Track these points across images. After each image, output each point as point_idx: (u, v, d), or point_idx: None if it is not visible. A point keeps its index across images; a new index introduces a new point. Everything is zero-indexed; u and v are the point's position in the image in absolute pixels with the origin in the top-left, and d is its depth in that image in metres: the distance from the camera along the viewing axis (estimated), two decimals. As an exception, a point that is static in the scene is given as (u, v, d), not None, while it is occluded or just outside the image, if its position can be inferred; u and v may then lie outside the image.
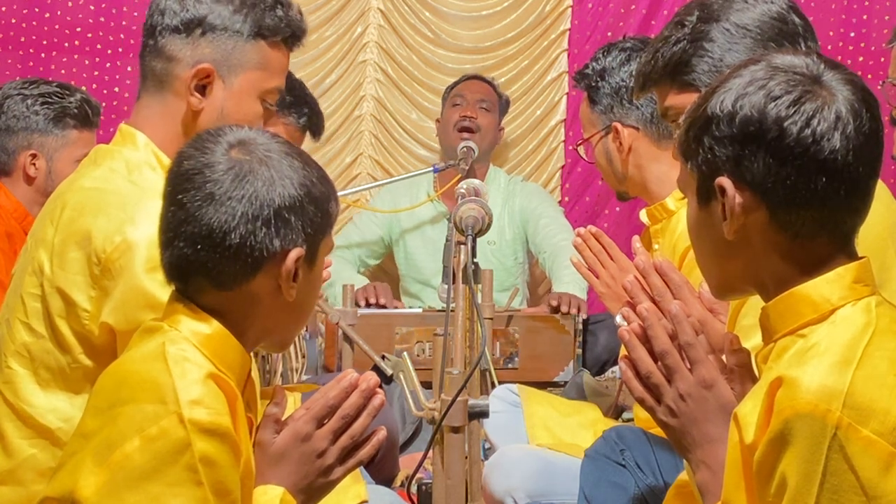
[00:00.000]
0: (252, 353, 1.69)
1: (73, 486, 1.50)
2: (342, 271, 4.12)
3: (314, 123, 3.38)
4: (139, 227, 1.86)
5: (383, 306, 4.03)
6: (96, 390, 1.61)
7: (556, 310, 3.83)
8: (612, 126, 2.69)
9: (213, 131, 1.64)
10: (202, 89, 2.02)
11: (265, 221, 1.57)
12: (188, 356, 1.56)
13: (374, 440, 1.69)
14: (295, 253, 1.59)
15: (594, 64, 2.77)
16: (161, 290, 1.77)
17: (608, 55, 2.76)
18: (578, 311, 3.81)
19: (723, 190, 1.44)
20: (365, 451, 1.69)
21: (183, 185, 1.58)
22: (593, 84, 2.75)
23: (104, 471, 1.49)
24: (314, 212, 1.61)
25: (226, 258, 1.57)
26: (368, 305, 4.02)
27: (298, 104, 3.30)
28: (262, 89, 2.05)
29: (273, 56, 2.06)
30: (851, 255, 1.46)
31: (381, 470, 2.95)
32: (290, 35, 2.07)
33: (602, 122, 2.74)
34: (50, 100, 3.15)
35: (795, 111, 1.40)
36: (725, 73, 1.49)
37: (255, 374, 1.74)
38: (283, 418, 1.69)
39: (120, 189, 1.94)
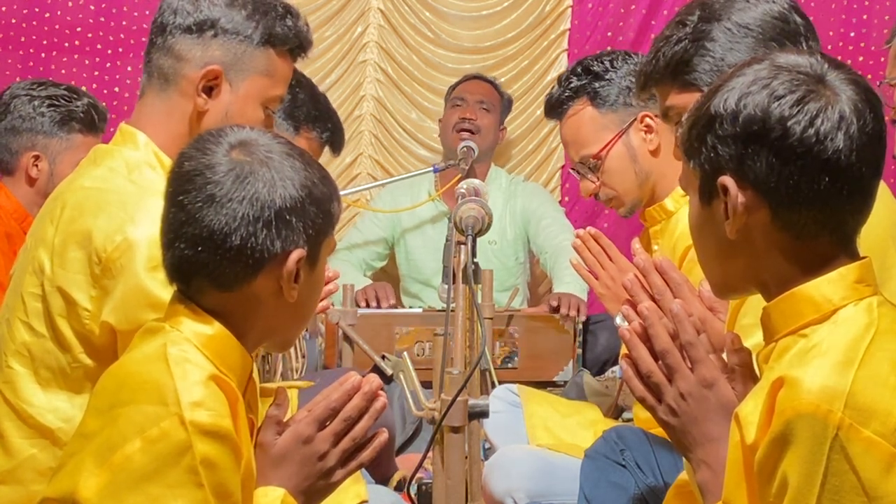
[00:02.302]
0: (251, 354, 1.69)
1: (74, 486, 1.49)
2: (346, 275, 4.12)
3: (336, 139, 3.36)
4: (139, 226, 1.86)
5: (391, 305, 4.03)
6: (97, 391, 1.61)
7: (556, 310, 3.83)
8: (640, 116, 2.62)
9: (214, 132, 1.63)
10: (209, 91, 2.03)
11: (266, 223, 1.56)
12: (189, 357, 1.56)
13: (376, 443, 1.69)
14: (296, 254, 1.59)
15: (583, 75, 2.72)
16: (162, 289, 1.77)
17: (596, 61, 2.72)
18: (578, 312, 3.81)
19: (725, 189, 1.44)
20: (366, 454, 1.68)
21: (184, 186, 1.58)
22: (597, 86, 2.70)
23: (105, 472, 1.48)
24: (315, 213, 1.61)
25: (227, 259, 1.56)
26: (368, 306, 4.02)
27: (323, 119, 3.28)
28: (266, 96, 2.08)
29: (280, 64, 2.08)
30: (853, 256, 1.46)
31: (377, 469, 2.95)
32: (298, 45, 2.10)
33: (620, 118, 2.68)
34: (57, 102, 3.14)
35: (799, 111, 1.40)
36: (729, 72, 1.49)
37: (255, 375, 1.74)
38: (284, 419, 1.69)
39: (120, 188, 1.95)
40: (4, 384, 1.95)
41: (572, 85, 2.74)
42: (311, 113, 3.24)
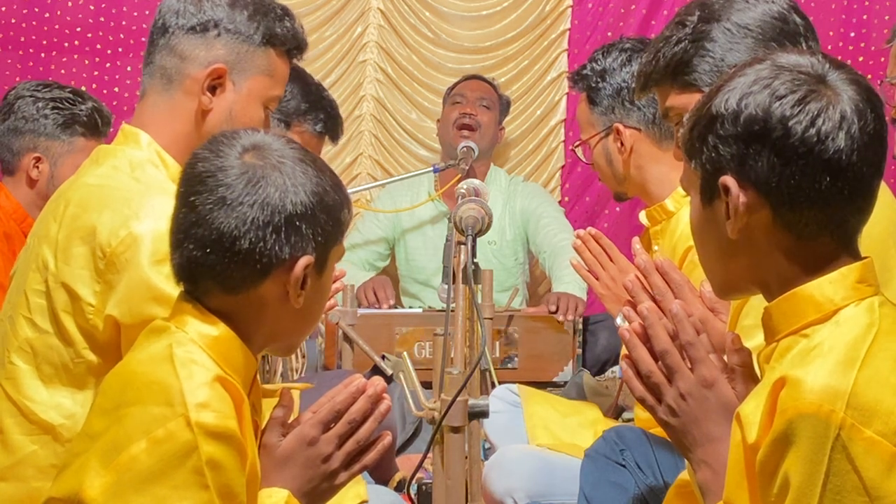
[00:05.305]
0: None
1: (79, 486, 1.50)
2: (347, 274, 4.11)
3: (331, 128, 3.31)
4: (143, 221, 1.88)
5: (391, 305, 4.04)
6: (103, 390, 1.61)
7: (554, 313, 3.82)
8: (614, 127, 2.68)
9: (228, 134, 1.63)
10: (212, 90, 2.05)
11: (276, 228, 1.56)
12: (195, 358, 1.55)
13: (380, 446, 1.69)
14: (304, 261, 1.59)
15: (593, 65, 2.76)
16: (166, 283, 1.78)
17: (608, 56, 2.76)
18: (576, 311, 3.81)
19: (727, 189, 1.44)
20: (370, 457, 1.69)
21: (195, 188, 1.58)
22: (593, 85, 2.74)
23: (110, 472, 1.48)
24: (325, 220, 1.61)
25: (234, 263, 1.56)
26: (369, 306, 4.01)
27: (314, 110, 3.24)
28: (267, 96, 2.10)
29: (279, 64, 2.11)
30: (855, 256, 1.46)
31: (377, 470, 2.95)
32: (296, 46, 2.14)
33: (602, 122, 2.73)
34: (61, 105, 3.14)
35: (800, 110, 1.40)
36: (730, 72, 1.49)
37: (258, 376, 1.74)
38: (289, 421, 1.69)
39: (123, 185, 1.96)
40: (7, 380, 1.96)
41: (581, 73, 2.81)
42: (301, 106, 3.20)
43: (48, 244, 1.95)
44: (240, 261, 1.56)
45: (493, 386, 3.19)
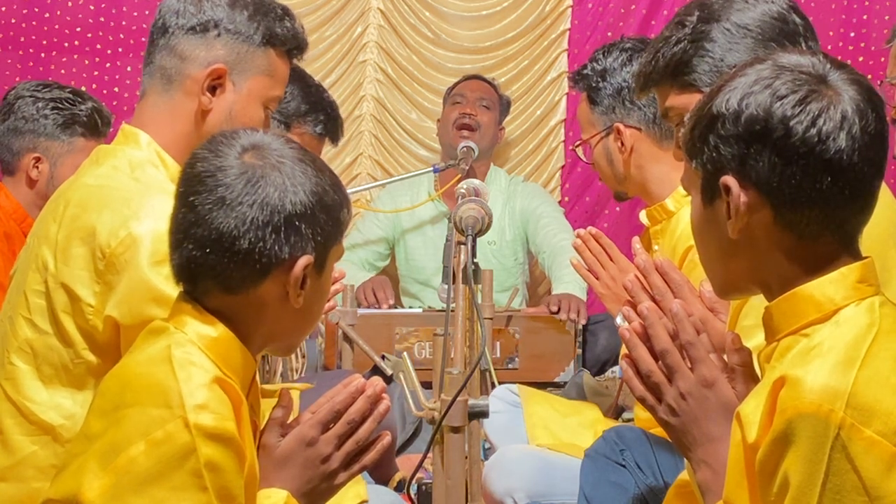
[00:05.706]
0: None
1: (77, 488, 1.49)
2: (348, 274, 4.11)
3: (331, 130, 3.30)
4: (143, 221, 1.88)
5: (391, 305, 4.04)
6: (101, 391, 1.61)
7: (556, 314, 3.82)
8: (614, 126, 2.68)
9: (228, 134, 1.63)
10: (212, 90, 2.05)
11: (275, 228, 1.56)
12: (194, 360, 1.55)
13: (379, 446, 1.69)
14: (304, 260, 1.58)
15: (594, 64, 2.76)
16: (166, 283, 1.78)
17: (608, 55, 2.76)
18: (578, 314, 3.80)
19: (727, 189, 1.44)
20: (369, 457, 1.69)
21: (195, 188, 1.57)
22: (594, 84, 2.74)
23: (109, 474, 1.48)
24: (325, 220, 1.60)
25: (234, 263, 1.56)
26: (368, 306, 4.01)
27: (315, 111, 3.24)
28: (267, 96, 2.10)
29: (279, 65, 2.11)
30: (855, 255, 1.46)
31: (377, 470, 2.95)
32: (296, 46, 2.14)
33: (603, 122, 2.73)
34: (60, 105, 3.14)
35: (801, 110, 1.40)
36: (731, 72, 1.49)
37: (257, 377, 1.74)
38: (288, 421, 1.68)
39: (123, 185, 1.96)
40: (6, 381, 1.96)
41: (581, 73, 2.81)
42: (301, 107, 3.21)
43: (48, 244, 1.95)
44: (239, 261, 1.56)
45: (493, 386, 3.19)
